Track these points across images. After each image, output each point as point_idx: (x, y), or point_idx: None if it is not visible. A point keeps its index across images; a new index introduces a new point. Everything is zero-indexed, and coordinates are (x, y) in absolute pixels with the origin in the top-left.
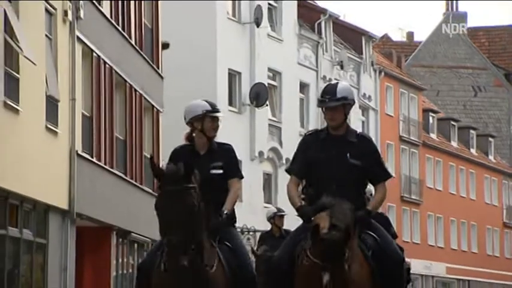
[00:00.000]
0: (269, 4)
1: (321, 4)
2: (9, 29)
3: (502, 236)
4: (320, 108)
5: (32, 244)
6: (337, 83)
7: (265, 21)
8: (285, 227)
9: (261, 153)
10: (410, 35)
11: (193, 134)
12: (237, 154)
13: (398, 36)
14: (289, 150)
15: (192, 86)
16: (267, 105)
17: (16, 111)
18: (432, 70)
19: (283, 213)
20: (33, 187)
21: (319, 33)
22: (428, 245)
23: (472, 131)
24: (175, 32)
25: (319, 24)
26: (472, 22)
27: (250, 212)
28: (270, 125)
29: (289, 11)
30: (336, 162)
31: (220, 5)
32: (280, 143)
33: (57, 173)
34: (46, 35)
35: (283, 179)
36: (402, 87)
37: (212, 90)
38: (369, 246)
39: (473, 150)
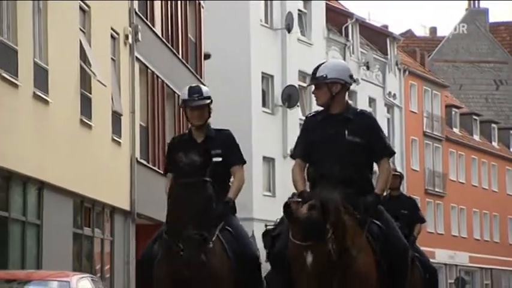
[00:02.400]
0: (299, 10)
1: (346, 5)
2: (83, 56)
3: None
4: None
5: (102, 241)
6: (324, 61)
7: (295, 26)
8: None
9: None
10: (433, 30)
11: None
12: (236, 138)
13: (421, 33)
14: None
15: (228, 89)
16: (298, 105)
17: (89, 126)
18: (455, 65)
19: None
20: (102, 191)
21: (346, 36)
22: (452, 236)
23: (493, 125)
24: (213, 40)
25: (346, 27)
26: (494, 17)
27: None
28: (301, 124)
29: (318, 16)
30: (334, 141)
31: (253, 13)
32: None
33: (120, 179)
34: (111, 58)
35: None
36: (426, 85)
37: (247, 93)
38: (376, 236)
39: (494, 143)
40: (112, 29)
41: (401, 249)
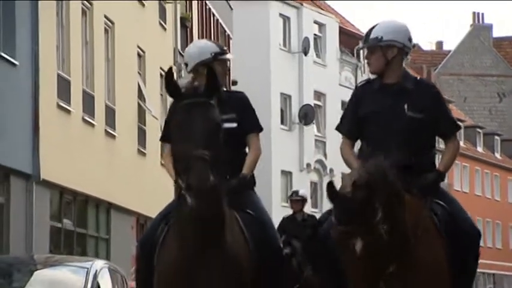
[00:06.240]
0: (314, 35)
1: (356, 22)
2: (139, 95)
3: None
4: None
5: None
6: (379, 22)
7: (311, 50)
8: None
9: (308, 165)
10: (439, 44)
11: (195, 83)
12: (254, 107)
13: (428, 47)
14: (333, 162)
15: None
16: (313, 123)
17: (144, 154)
18: (460, 78)
19: (297, 198)
20: (153, 209)
21: (358, 57)
22: None
23: (496, 137)
24: (236, 63)
25: (358, 49)
26: (498, 32)
27: None
28: (316, 140)
29: (332, 40)
30: (391, 115)
31: (273, 38)
32: (325, 156)
33: (167, 197)
34: (160, 94)
35: None
36: None
37: (267, 111)
38: (440, 217)
39: (497, 155)
40: (161, 68)
41: (472, 233)
